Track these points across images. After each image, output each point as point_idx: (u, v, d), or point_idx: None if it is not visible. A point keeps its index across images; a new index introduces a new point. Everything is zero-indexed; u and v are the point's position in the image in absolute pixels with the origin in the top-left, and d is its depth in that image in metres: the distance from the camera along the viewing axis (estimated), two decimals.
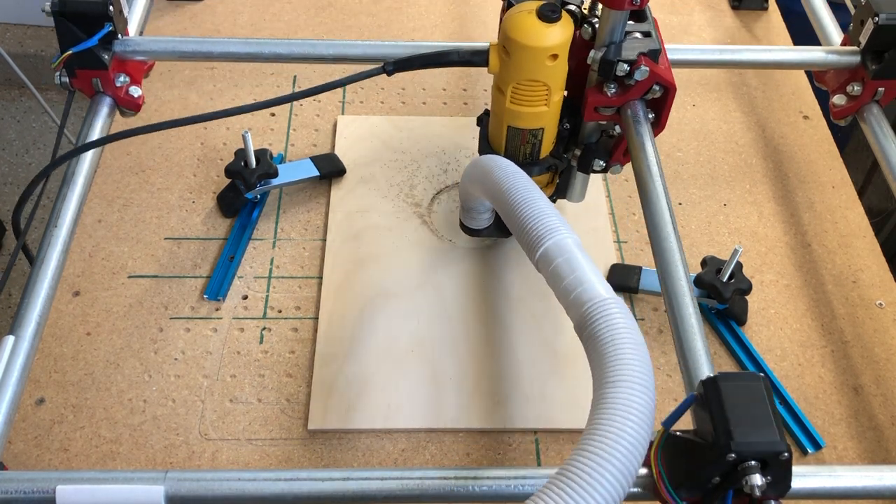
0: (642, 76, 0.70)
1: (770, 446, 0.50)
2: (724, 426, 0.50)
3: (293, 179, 0.91)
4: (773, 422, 0.50)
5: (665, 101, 0.73)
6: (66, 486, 0.55)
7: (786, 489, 0.52)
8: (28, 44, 2.17)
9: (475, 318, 0.83)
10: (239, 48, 0.85)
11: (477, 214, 0.80)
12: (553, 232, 0.59)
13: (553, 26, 0.65)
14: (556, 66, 0.67)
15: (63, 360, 0.79)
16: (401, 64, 0.73)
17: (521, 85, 0.69)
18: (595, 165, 0.79)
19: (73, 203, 0.74)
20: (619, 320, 0.52)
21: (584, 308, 0.54)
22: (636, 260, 0.89)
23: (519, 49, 0.66)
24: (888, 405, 0.79)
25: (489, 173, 0.67)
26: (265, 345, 0.81)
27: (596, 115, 0.74)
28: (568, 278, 0.56)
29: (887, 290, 0.88)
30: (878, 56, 0.84)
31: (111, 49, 0.81)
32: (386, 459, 0.74)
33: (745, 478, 0.49)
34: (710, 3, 1.19)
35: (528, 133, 0.73)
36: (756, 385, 0.52)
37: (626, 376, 0.49)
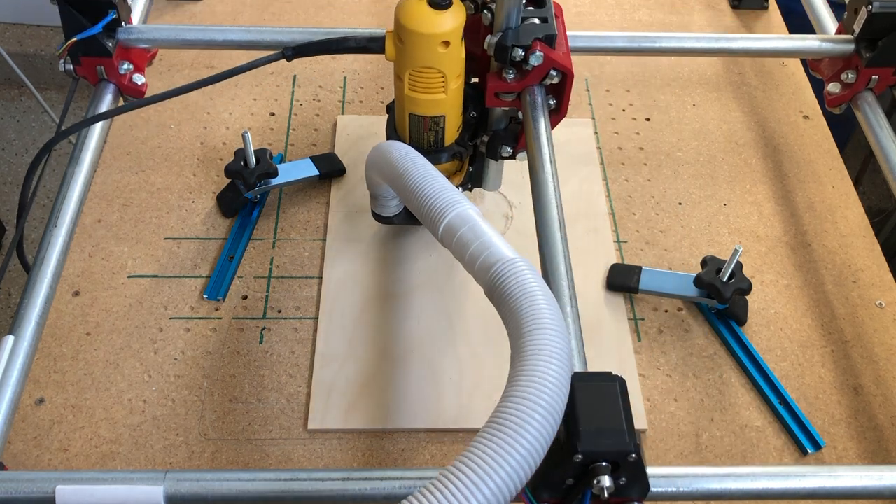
0: (537, 61, 0.71)
1: (616, 446, 0.49)
2: (574, 427, 0.50)
3: (293, 179, 0.91)
4: (623, 423, 0.50)
5: (564, 87, 0.74)
6: (65, 486, 0.55)
7: (645, 491, 0.52)
8: (28, 43, 2.17)
9: (475, 318, 0.83)
10: (241, 36, 0.86)
11: (385, 202, 0.81)
12: (454, 204, 0.60)
13: (443, 13, 0.65)
14: (450, 52, 0.68)
15: (63, 360, 0.79)
16: (299, 49, 0.75)
17: (417, 72, 0.69)
18: (503, 152, 0.79)
19: (73, 203, 0.74)
20: (527, 275, 0.53)
21: (492, 270, 0.55)
22: (636, 260, 0.89)
23: (410, 36, 0.66)
24: (888, 405, 0.79)
25: (387, 158, 0.68)
26: (265, 345, 0.81)
27: (497, 100, 0.75)
28: (473, 245, 0.57)
29: (887, 290, 0.88)
30: (871, 44, 0.85)
31: (115, 37, 0.82)
32: (386, 459, 0.74)
33: (596, 479, 0.49)
34: (710, 2, 1.19)
35: (429, 120, 0.73)
36: (610, 386, 0.52)
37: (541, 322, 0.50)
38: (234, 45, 0.86)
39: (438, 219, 0.60)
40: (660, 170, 0.98)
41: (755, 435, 0.77)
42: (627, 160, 0.99)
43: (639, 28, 1.15)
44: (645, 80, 1.08)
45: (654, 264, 0.89)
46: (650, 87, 1.07)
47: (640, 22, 1.16)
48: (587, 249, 0.88)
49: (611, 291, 0.85)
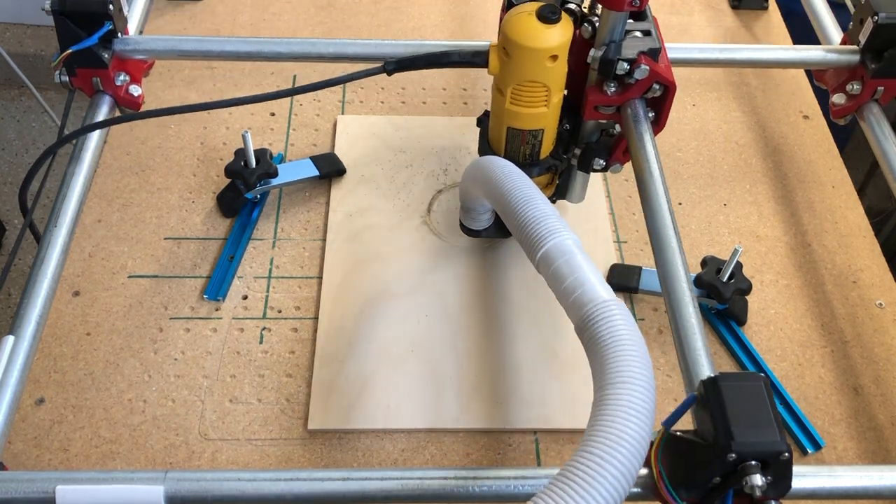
0: (642, 75, 0.70)
1: (771, 446, 0.50)
2: (725, 426, 0.50)
3: (293, 179, 0.91)
4: (774, 422, 0.50)
5: (665, 100, 0.73)
6: (66, 486, 0.55)
7: (786, 489, 0.52)
8: (28, 43, 2.17)
9: (475, 318, 0.83)
10: (239, 47, 0.85)
11: (477, 215, 0.80)
12: (553, 234, 0.59)
13: (553, 27, 0.65)
14: (556, 67, 0.68)
15: (63, 360, 0.79)
16: (402, 63, 0.74)
17: (521, 86, 0.69)
18: (595, 164, 0.79)
19: (72, 203, 0.74)
20: (619, 322, 0.52)
21: (584, 310, 0.54)
22: (636, 260, 0.89)
23: (519, 50, 0.66)
24: (888, 405, 0.79)
25: (489, 174, 0.67)
26: (265, 345, 0.81)
27: (596, 114, 0.74)
28: (568, 280, 0.57)
29: (887, 290, 0.88)
30: (877, 55, 0.84)
31: (111, 48, 0.81)
32: (386, 459, 0.74)
33: (746, 478, 0.49)
34: (710, 3, 1.19)
35: (528, 134, 0.73)
36: (756, 385, 0.52)
37: (627, 376, 0.49)
38: (231, 56, 0.85)
39: (536, 246, 0.60)
40: None
41: None
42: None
43: None
44: None
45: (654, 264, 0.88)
46: None
47: None
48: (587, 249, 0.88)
49: None
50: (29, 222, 0.74)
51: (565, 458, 0.74)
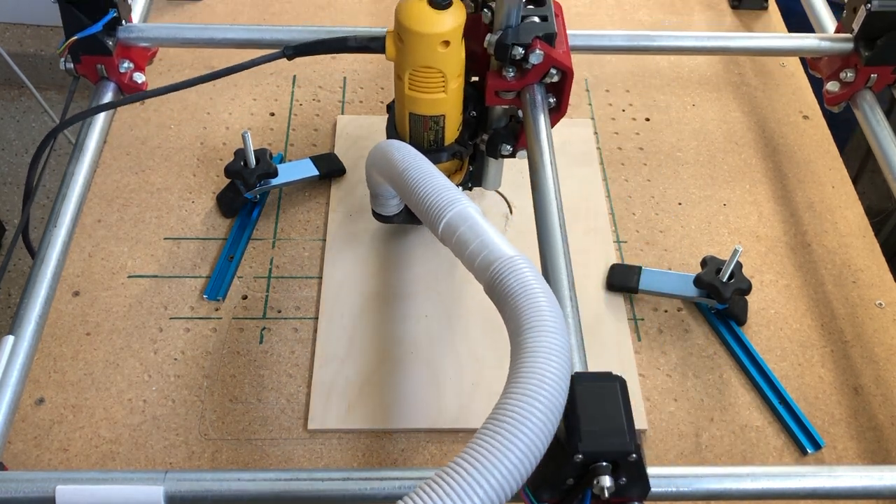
0: (537, 60, 0.71)
1: (617, 447, 0.49)
2: (574, 427, 0.50)
3: (293, 179, 0.91)
4: (624, 422, 0.50)
5: (564, 85, 0.74)
6: (65, 486, 0.55)
7: (645, 491, 0.51)
8: (28, 43, 2.17)
9: (475, 318, 0.83)
10: (241, 34, 0.86)
11: (385, 201, 0.81)
12: (453, 203, 0.60)
13: (444, 13, 0.65)
14: (450, 52, 0.68)
15: (63, 360, 0.79)
16: (300, 49, 0.75)
17: (417, 72, 0.69)
18: (502, 150, 0.80)
19: (72, 203, 0.74)
20: (527, 273, 0.53)
21: (491, 267, 0.55)
22: (636, 260, 0.89)
23: (410, 36, 0.66)
24: (888, 405, 0.79)
25: (387, 157, 0.68)
26: (265, 345, 0.81)
27: (497, 99, 0.75)
28: (473, 244, 0.57)
29: (887, 290, 0.88)
30: (870, 42, 0.85)
31: (115, 35, 0.82)
32: (386, 459, 0.74)
33: (596, 479, 0.49)
34: (710, 3, 1.19)
35: (429, 119, 0.73)
36: (611, 386, 0.52)
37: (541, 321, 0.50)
38: (233, 43, 0.86)
39: (438, 217, 0.60)
40: (660, 170, 0.98)
41: (755, 435, 0.77)
42: (627, 160, 0.99)
43: (638, 28, 1.15)
44: (645, 81, 1.08)
45: (654, 264, 0.89)
46: (650, 87, 1.07)
47: (641, 23, 1.16)
48: (587, 249, 0.88)
49: (611, 291, 0.85)
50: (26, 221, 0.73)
51: None
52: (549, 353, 0.49)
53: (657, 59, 1.11)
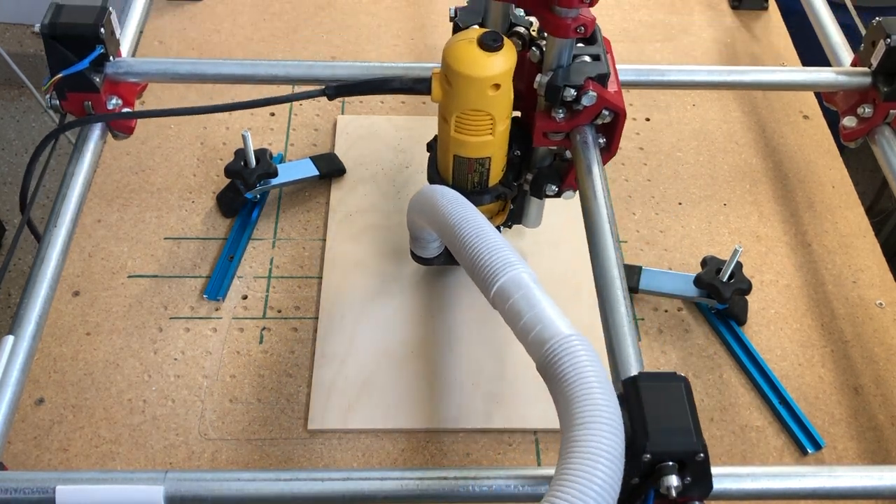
0: (590, 101, 0.67)
1: (685, 446, 0.49)
2: (641, 427, 0.50)
3: (293, 179, 0.91)
4: (691, 423, 0.50)
5: (615, 126, 0.70)
6: (65, 486, 0.55)
7: (707, 490, 0.51)
8: (28, 44, 2.17)
9: (475, 317, 0.83)
10: (234, 70, 0.82)
11: (426, 244, 0.78)
12: (507, 267, 0.57)
13: (494, 55, 0.63)
14: (499, 95, 0.65)
15: (63, 360, 0.79)
16: (341, 89, 0.71)
17: (465, 115, 0.66)
18: (548, 190, 0.76)
19: (72, 203, 0.74)
20: (583, 358, 0.51)
21: (545, 347, 0.53)
22: (636, 260, 0.89)
23: (459, 79, 0.64)
24: (888, 405, 0.79)
25: (435, 205, 0.65)
26: (265, 345, 0.81)
27: (545, 140, 0.72)
28: (526, 316, 0.55)
29: (887, 290, 0.88)
30: (889, 78, 0.81)
31: (103, 71, 0.78)
32: (386, 459, 0.74)
33: (662, 478, 0.49)
34: (710, 3, 1.19)
35: (474, 162, 0.71)
36: (676, 386, 0.52)
37: (595, 416, 0.48)
38: (226, 79, 0.82)
39: (491, 280, 0.57)
40: (660, 170, 0.98)
41: (755, 435, 0.77)
42: (627, 160, 0.99)
43: (638, 28, 1.15)
44: None
45: (654, 264, 0.89)
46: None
47: (641, 22, 1.16)
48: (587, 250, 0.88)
49: None
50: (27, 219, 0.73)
51: None
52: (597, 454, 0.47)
53: (657, 58, 1.11)
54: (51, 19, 0.73)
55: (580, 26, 0.63)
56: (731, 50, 1.13)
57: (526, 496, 0.57)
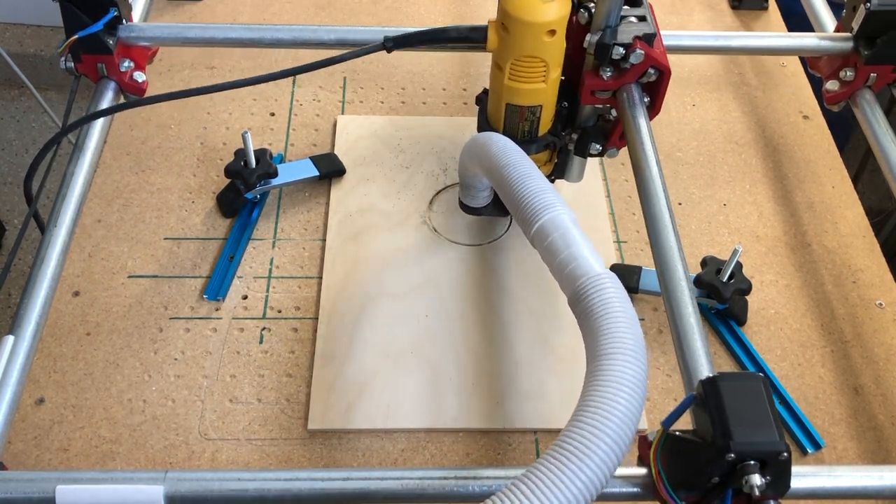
0: (637, 59, 0.71)
1: (769, 446, 0.50)
2: (724, 426, 0.50)
3: (293, 179, 0.91)
4: (773, 421, 0.50)
5: (660, 85, 0.74)
6: (66, 486, 0.55)
7: (785, 489, 0.52)
8: (28, 44, 2.17)
9: (475, 317, 0.83)
10: (241, 34, 0.86)
11: (476, 192, 0.81)
12: (549, 208, 0.60)
13: (550, 2, 0.66)
14: (554, 41, 0.68)
15: (63, 360, 0.79)
16: (400, 40, 0.74)
17: (520, 61, 0.70)
18: (592, 149, 0.80)
19: (72, 203, 0.74)
20: (611, 294, 0.53)
21: (577, 283, 0.55)
22: (636, 260, 0.89)
23: (517, 24, 0.67)
24: (888, 405, 0.79)
25: (487, 150, 0.68)
26: (265, 345, 0.81)
27: (592, 98, 0.75)
28: (562, 254, 0.57)
29: (887, 290, 0.88)
30: (870, 42, 0.85)
31: (116, 34, 0.82)
32: (386, 459, 0.74)
33: (745, 478, 0.50)
34: (710, 3, 1.19)
35: (526, 110, 0.73)
36: (755, 385, 0.52)
37: (618, 348, 0.50)
38: (234, 42, 0.86)
39: (532, 220, 0.60)
40: None
41: None
42: (627, 160, 0.98)
43: None
44: None
45: None
46: None
47: None
48: None
49: None
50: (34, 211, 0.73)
51: None
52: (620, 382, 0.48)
53: None
54: None
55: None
56: None
57: None
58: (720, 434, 0.50)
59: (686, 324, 0.62)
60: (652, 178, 0.71)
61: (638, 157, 0.72)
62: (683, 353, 0.61)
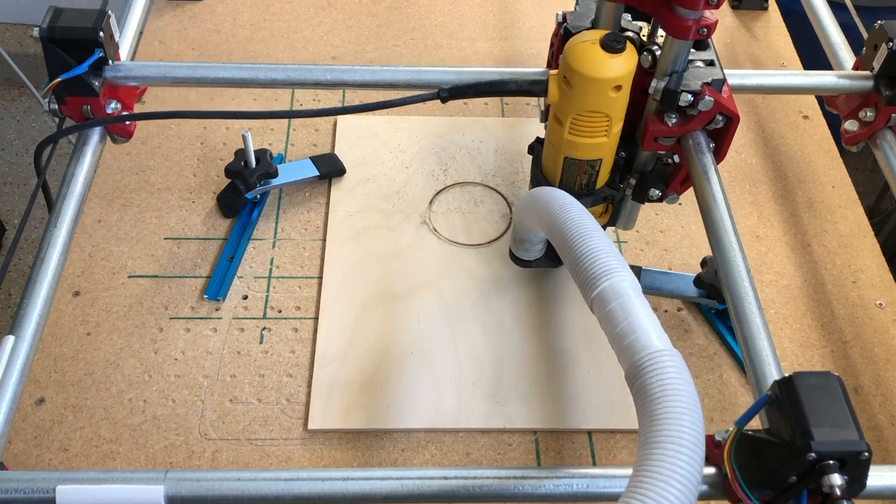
0: (706, 107, 0.68)
1: (851, 446, 0.50)
2: (804, 426, 0.50)
3: (293, 179, 0.91)
4: (852, 421, 0.50)
5: (728, 131, 0.71)
6: (66, 486, 0.55)
7: (861, 488, 0.52)
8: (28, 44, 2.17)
9: (475, 318, 0.83)
10: (234, 73, 0.81)
11: (530, 246, 0.79)
12: (610, 273, 0.57)
13: (618, 57, 0.63)
14: (619, 97, 0.66)
15: (63, 360, 0.79)
16: (455, 92, 0.71)
17: (582, 116, 0.67)
18: (651, 195, 0.77)
19: (72, 203, 0.74)
20: (672, 374, 0.50)
21: (635, 358, 0.52)
22: (636, 260, 0.89)
23: (582, 80, 0.64)
24: (888, 405, 0.79)
25: (547, 205, 0.65)
26: (265, 345, 0.81)
27: (655, 144, 0.72)
28: (622, 324, 0.54)
29: (887, 290, 0.88)
30: (891, 81, 0.81)
31: (101, 75, 0.77)
32: (386, 459, 0.74)
33: (824, 477, 0.49)
34: None
35: (585, 164, 0.71)
36: (832, 384, 0.52)
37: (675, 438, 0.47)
38: (225, 82, 0.81)
39: (592, 285, 0.57)
40: None
41: None
42: None
43: None
44: None
45: (654, 264, 0.89)
46: None
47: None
48: None
49: None
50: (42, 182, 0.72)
51: (565, 458, 0.74)
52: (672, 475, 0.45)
53: None
54: (49, 23, 0.72)
55: (703, 28, 0.63)
56: (731, 50, 1.13)
57: (526, 496, 0.57)
58: (800, 434, 0.50)
59: (752, 326, 0.62)
60: (724, 224, 0.69)
61: (707, 204, 0.70)
62: (750, 354, 0.61)
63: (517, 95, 0.72)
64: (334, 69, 0.80)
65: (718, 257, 0.68)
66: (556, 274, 0.86)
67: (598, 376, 0.79)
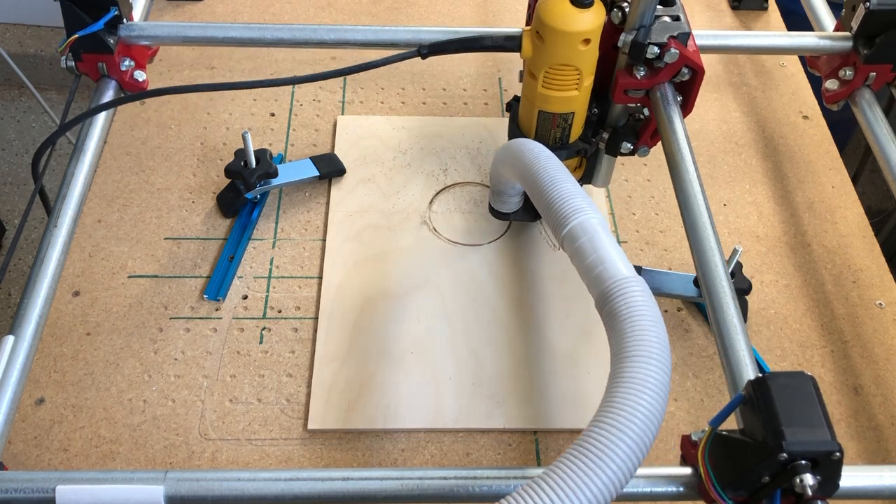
0: (672, 59, 0.72)
1: (822, 446, 0.50)
2: (776, 426, 0.50)
3: (293, 179, 0.91)
4: (824, 421, 0.50)
5: (693, 84, 0.75)
6: (66, 486, 0.55)
7: (834, 489, 0.52)
8: (28, 44, 2.17)
9: (474, 318, 0.83)
10: (242, 33, 0.86)
11: (507, 198, 0.82)
12: (578, 212, 0.61)
13: (586, 11, 0.67)
14: (588, 50, 0.69)
15: (63, 360, 0.79)
16: (435, 47, 0.75)
17: (554, 69, 0.70)
18: (623, 148, 0.80)
19: (72, 203, 0.74)
20: (638, 297, 0.54)
21: (604, 286, 0.56)
22: (636, 260, 0.89)
23: (553, 34, 0.68)
24: (888, 405, 0.79)
25: (520, 155, 0.69)
26: (265, 345, 0.81)
27: (625, 97, 0.76)
28: (590, 257, 0.58)
29: (887, 290, 0.88)
30: (869, 41, 0.85)
31: (116, 33, 0.82)
32: (386, 459, 0.74)
33: (797, 477, 0.49)
34: (709, 3, 1.19)
35: (558, 117, 0.74)
36: (805, 384, 0.52)
37: (643, 351, 0.50)
38: (234, 42, 0.86)
39: (562, 224, 0.61)
40: (660, 170, 0.98)
41: None
42: (627, 160, 0.98)
43: None
44: None
45: (654, 264, 0.89)
46: None
47: None
48: None
49: None
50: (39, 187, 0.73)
51: None
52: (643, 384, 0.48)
53: None
54: None
55: None
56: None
57: None
58: (772, 434, 0.50)
59: (729, 325, 0.62)
60: (689, 179, 0.71)
61: (674, 156, 0.73)
62: (727, 354, 0.61)
63: (493, 51, 0.75)
64: (337, 29, 0.86)
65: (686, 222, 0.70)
66: (556, 274, 0.86)
67: (598, 376, 0.79)
